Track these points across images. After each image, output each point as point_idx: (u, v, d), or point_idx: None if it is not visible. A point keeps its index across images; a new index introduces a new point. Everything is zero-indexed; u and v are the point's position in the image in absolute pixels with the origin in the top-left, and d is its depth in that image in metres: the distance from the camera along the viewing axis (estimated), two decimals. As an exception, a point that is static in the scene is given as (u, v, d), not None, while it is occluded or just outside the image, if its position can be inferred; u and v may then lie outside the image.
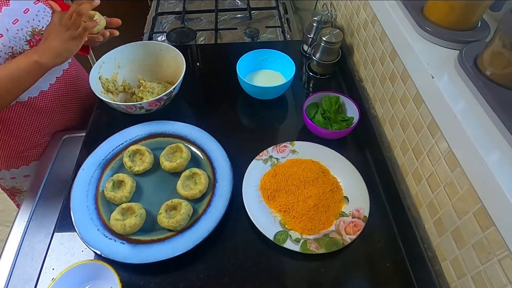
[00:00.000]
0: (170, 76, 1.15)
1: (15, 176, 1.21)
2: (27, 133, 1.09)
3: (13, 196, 1.32)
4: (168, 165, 0.93)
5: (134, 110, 1.00)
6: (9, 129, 1.06)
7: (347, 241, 0.83)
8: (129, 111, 1.01)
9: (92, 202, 0.89)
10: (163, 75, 1.17)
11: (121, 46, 1.12)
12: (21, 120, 1.06)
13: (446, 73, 0.70)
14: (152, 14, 1.70)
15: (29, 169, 1.19)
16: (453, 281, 0.72)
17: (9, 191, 1.29)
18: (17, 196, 1.31)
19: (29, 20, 0.94)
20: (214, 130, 1.03)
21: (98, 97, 0.99)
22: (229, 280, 0.80)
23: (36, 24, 0.95)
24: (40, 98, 1.06)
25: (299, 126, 1.10)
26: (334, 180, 0.94)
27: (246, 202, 0.88)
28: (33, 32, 0.95)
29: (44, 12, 0.98)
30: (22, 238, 0.90)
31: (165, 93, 0.99)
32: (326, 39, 1.15)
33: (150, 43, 1.16)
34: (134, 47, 1.14)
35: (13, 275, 0.83)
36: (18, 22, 0.91)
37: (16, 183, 1.25)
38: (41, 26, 0.97)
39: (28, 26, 0.94)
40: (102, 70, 1.08)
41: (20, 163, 1.17)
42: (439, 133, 0.72)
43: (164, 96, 0.99)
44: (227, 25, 1.65)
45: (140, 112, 1.02)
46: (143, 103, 0.98)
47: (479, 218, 0.62)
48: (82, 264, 0.75)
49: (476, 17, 0.76)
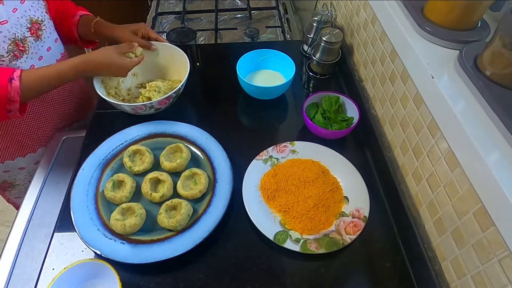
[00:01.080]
0: (172, 74, 1.15)
1: (8, 169, 1.20)
2: (26, 120, 1.09)
3: (3, 191, 1.30)
4: (168, 165, 0.93)
5: (144, 110, 1.00)
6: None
7: (347, 241, 0.83)
8: (139, 111, 1.01)
9: (92, 202, 0.89)
10: (165, 74, 1.17)
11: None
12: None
13: (446, 73, 0.70)
14: (152, 14, 1.70)
15: (25, 161, 1.18)
16: (453, 281, 0.72)
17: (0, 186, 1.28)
18: (7, 190, 1.29)
19: (26, 10, 0.95)
20: (214, 130, 1.03)
21: (101, 97, 0.98)
22: (229, 280, 0.80)
23: (32, 15, 0.97)
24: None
25: (299, 126, 1.10)
26: (334, 180, 0.94)
27: (246, 202, 0.88)
28: (31, 21, 0.96)
29: (38, 4, 0.99)
30: (22, 238, 0.89)
31: (174, 91, 1.00)
32: (326, 39, 1.15)
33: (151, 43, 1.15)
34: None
35: (13, 275, 0.83)
36: (17, 10, 0.92)
37: (9, 177, 1.23)
38: (37, 17, 0.98)
39: (26, 15, 0.95)
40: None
41: (17, 154, 1.16)
42: (439, 133, 0.72)
43: (173, 94, 1.00)
44: (227, 25, 1.64)
45: (150, 112, 1.02)
46: (153, 102, 0.98)
47: (479, 218, 0.62)
48: (82, 263, 0.75)
49: (476, 17, 0.76)
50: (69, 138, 1.16)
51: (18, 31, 0.93)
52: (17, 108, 0.89)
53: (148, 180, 0.90)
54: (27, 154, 1.17)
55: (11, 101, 0.87)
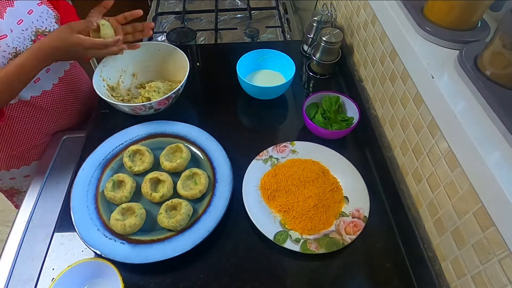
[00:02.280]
0: (172, 75, 1.15)
1: (14, 176, 1.21)
2: (30, 132, 1.10)
3: (11, 197, 1.32)
4: (168, 165, 0.93)
5: (143, 110, 1.00)
6: (11, 128, 1.06)
7: (347, 241, 0.83)
8: (138, 112, 1.01)
9: (92, 202, 0.89)
10: (164, 74, 1.17)
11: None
12: (24, 119, 1.06)
13: (446, 73, 0.70)
14: (152, 14, 1.70)
15: (29, 169, 1.19)
16: (453, 281, 0.72)
17: (7, 192, 1.29)
18: (15, 196, 1.31)
19: (33, 21, 0.94)
20: (214, 130, 1.03)
21: (101, 97, 0.98)
22: (229, 280, 0.80)
23: (40, 25, 0.96)
24: (43, 98, 1.06)
25: (299, 126, 1.10)
26: (334, 180, 0.94)
27: (246, 202, 0.88)
28: (37, 33, 0.95)
29: (47, 14, 0.98)
30: (22, 238, 0.90)
31: (173, 91, 0.99)
32: (326, 39, 1.15)
33: (150, 43, 1.16)
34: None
35: (13, 275, 0.83)
36: (23, 22, 0.91)
37: (15, 184, 1.25)
38: (44, 27, 0.97)
39: (32, 26, 0.94)
40: (104, 74, 1.07)
41: (21, 163, 1.17)
42: (439, 133, 0.72)
43: (172, 94, 1.00)
44: (227, 25, 1.64)
45: (149, 112, 1.02)
46: (152, 103, 0.97)
47: (479, 218, 0.62)
48: (84, 262, 0.75)
49: (476, 17, 0.76)
50: (69, 138, 1.16)
51: (20, 45, 0.91)
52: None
53: (148, 180, 0.90)
54: (32, 162, 1.18)
55: None
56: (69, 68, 1.15)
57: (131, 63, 1.15)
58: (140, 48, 1.08)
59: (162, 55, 1.14)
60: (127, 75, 1.15)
